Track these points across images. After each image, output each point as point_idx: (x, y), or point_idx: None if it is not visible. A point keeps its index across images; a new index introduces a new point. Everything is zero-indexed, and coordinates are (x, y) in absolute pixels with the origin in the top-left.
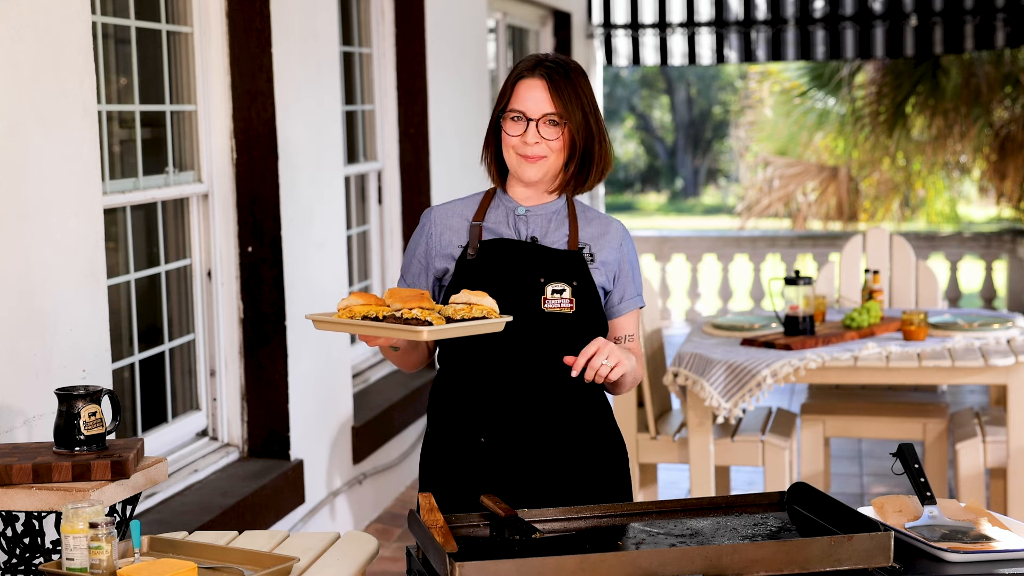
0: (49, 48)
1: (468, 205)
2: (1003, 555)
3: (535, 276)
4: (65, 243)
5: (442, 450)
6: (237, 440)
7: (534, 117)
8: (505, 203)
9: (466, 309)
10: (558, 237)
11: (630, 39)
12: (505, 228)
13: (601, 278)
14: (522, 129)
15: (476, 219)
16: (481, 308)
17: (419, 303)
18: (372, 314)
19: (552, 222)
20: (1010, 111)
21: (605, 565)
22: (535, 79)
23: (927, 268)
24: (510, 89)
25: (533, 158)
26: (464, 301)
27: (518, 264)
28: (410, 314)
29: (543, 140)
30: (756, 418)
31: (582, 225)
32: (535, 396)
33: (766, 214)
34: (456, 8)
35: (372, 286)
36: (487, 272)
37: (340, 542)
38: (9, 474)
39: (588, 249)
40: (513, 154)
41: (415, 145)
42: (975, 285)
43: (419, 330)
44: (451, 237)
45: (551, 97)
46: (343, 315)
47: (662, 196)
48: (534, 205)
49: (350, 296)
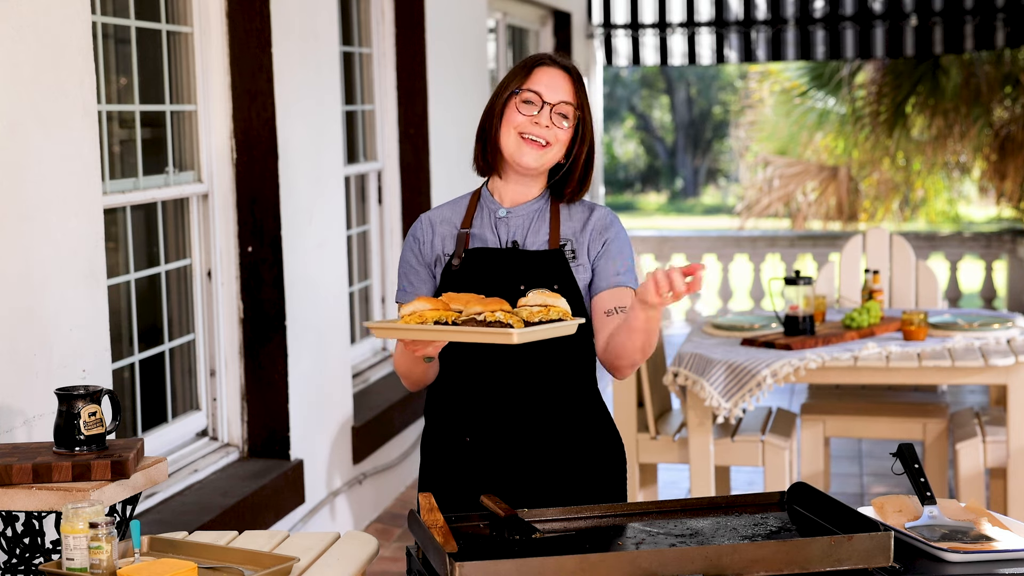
0: (49, 48)
1: (456, 211)
2: (1003, 555)
3: (516, 283)
4: (65, 243)
5: (436, 450)
6: (237, 440)
7: (551, 101)
8: (488, 205)
9: (543, 311)
10: (539, 237)
11: (630, 39)
12: (489, 233)
13: (584, 275)
14: (535, 110)
15: (464, 225)
16: (557, 310)
17: (499, 306)
18: (443, 319)
19: (534, 222)
20: (1010, 111)
21: (605, 565)
22: (555, 68)
23: (927, 268)
24: (523, 72)
25: (538, 143)
26: (540, 303)
27: (499, 272)
28: (493, 317)
29: (553, 126)
30: (756, 418)
31: (563, 219)
32: (519, 397)
33: (766, 214)
34: (456, 8)
35: (372, 286)
36: (470, 282)
37: (340, 542)
38: (9, 474)
39: (569, 245)
40: (515, 136)
41: (415, 145)
42: (975, 285)
43: (509, 332)
44: (440, 243)
45: (571, 88)
46: (414, 320)
47: (662, 196)
48: (515, 206)
49: (415, 302)
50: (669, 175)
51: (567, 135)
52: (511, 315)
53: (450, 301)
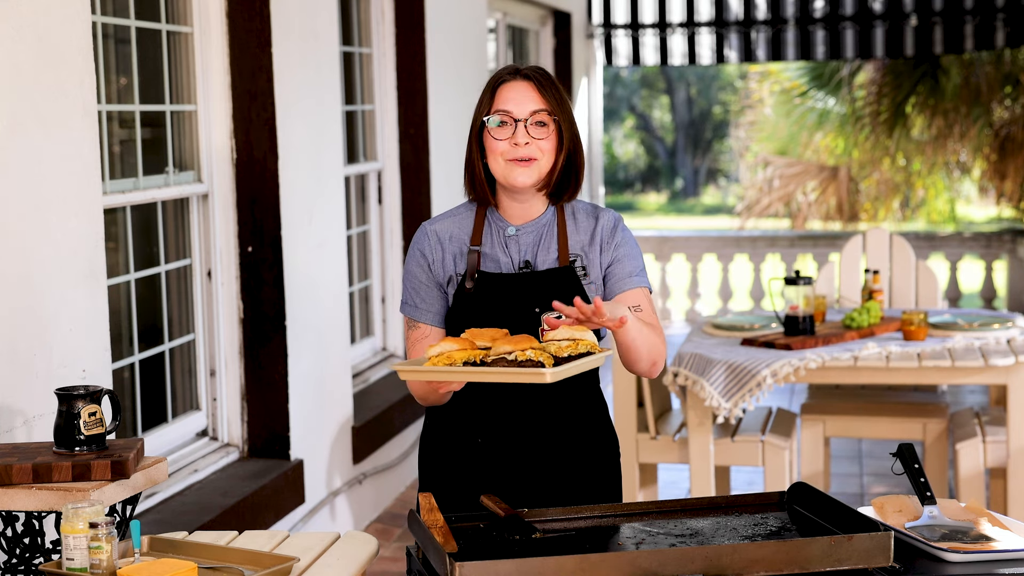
0: (49, 48)
1: (463, 227)
2: (1003, 555)
3: (530, 306)
4: (65, 243)
5: (440, 450)
6: (237, 440)
7: (521, 116)
8: (496, 223)
9: (572, 346)
10: (550, 255)
11: (630, 39)
12: (500, 252)
13: (595, 292)
14: (509, 132)
15: (473, 243)
16: (585, 344)
17: (528, 344)
18: (471, 359)
19: (543, 238)
20: (1010, 111)
21: (605, 565)
22: (517, 81)
23: (927, 268)
24: (489, 95)
25: (523, 161)
26: (568, 337)
27: (514, 297)
28: (524, 356)
29: (533, 140)
30: (756, 418)
31: (571, 233)
32: (531, 399)
33: (766, 214)
34: (456, 8)
35: (372, 286)
36: (484, 306)
37: (340, 542)
38: (9, 474)
39: (580, 261)
40: (501, 161)
41: (415, 145)
42: (975, 285)
43: (543, 372)
44: (453, 264)
45: (538, 95)
46: (441, 362)
47: (662, 196)
48: (524, 223)
49: (441, 342)
50: (669, 175)
51: (551, 143)
52: (540, 351)
53: (474, 338)
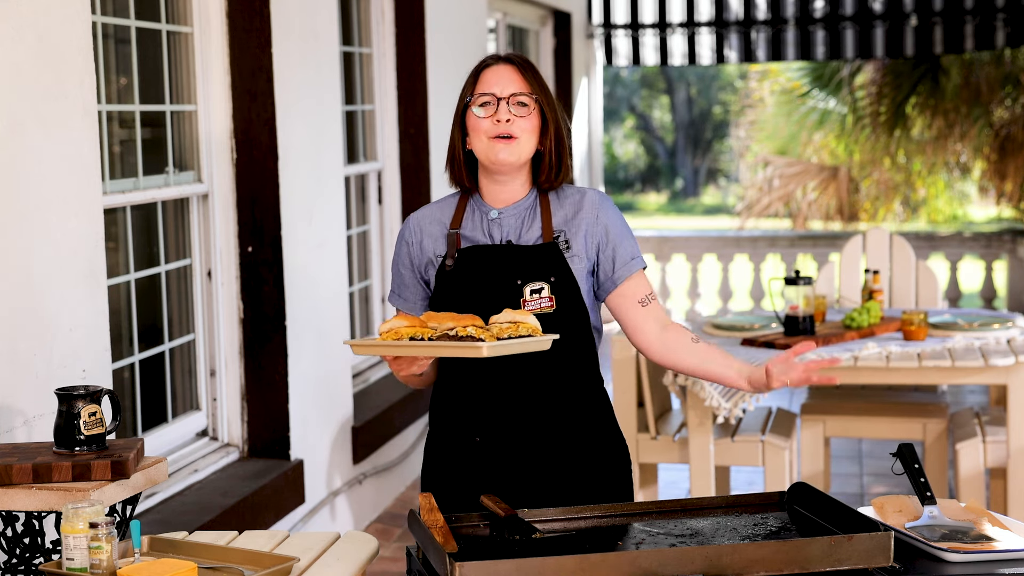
0: (49, 48)
1: (445, 211)
2: (1003, 555)
3: (512, 279)
4: (65, 243)
5: (442, 450)
6: (237, 440)
7: (503, 95)
8: (479, 207)
9: (512, 328)
10: (532, 233)
11: (630, 39)
12: (480, 235)
13: (580, 264)
14: (492, 110)
15: (453, 226)
16: (527, 326)
17: (471, 322)
18: (419, 335)
19: (525, 220)
20: (1010, 111)
21: (605, 565)
22: (499, 65)
23: (927, 268)
24: (473, 79)
25: (506, 139)
26: (509, 320)
27: (495, 269)
28: (464, 332)
29: (514, 118)
30: (756, 418)
31: (554, 210)
32: (528, 397)
33: (766, 214)
34: (456, 8)
35: (372, 286)
36: (465, 281)
37: (340, 542)
38: (9, 474)
39: (563, 236)
40: (485, 140)
41: (415, 145)
42: (975, 285)
43: (479, 346)
44: (431, 245)
45: (519, 77)
46: (390, 337)
47: (662, 196)
48: (506, 207)
49: (392, 319)
50: (669, 175)
51: (532, 123)
52: (483, 330)
53: (428, 320)
